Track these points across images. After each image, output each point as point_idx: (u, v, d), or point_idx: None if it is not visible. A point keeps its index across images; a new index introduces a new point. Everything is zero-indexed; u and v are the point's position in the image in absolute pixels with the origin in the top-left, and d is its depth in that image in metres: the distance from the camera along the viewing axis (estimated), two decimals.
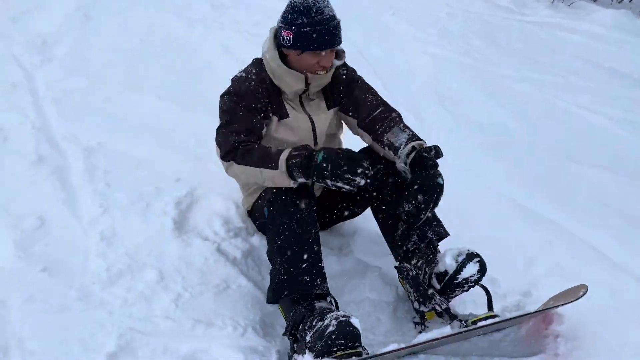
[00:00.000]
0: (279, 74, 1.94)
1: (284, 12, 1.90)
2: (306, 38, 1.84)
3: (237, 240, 2.11)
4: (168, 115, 3.00)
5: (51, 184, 2.21)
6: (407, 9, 6.34)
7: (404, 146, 1.87)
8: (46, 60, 3.20)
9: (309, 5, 1.84)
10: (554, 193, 3.02)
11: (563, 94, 4.43)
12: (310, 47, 1.85)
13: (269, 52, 1.96)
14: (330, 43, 1.87)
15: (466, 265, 1.79)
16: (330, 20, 1.85)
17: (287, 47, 1.89)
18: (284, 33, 1.88)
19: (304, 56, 1.89)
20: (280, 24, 1.91)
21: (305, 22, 1.83)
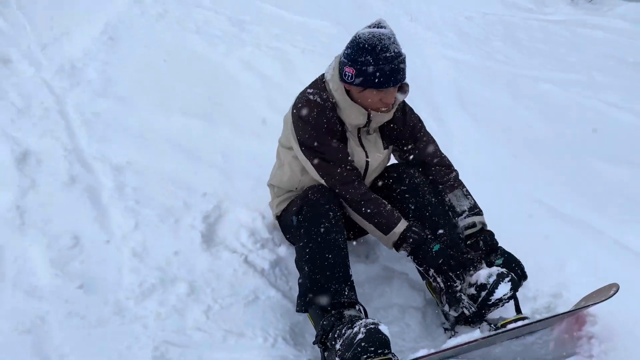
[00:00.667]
0: (342, 106, 1.91)
1: (348, 47, 1.84)
2: (369, 76, 1.79)
3: (264, 251, 2.14)
4: (194, 131, 3.07)
5: (83, 203, 2.28)
6: (425, 14, 6.35)
7: (465, 216, 2.01)
8: (75, 84, 3.30)
9: (374, 43, 1.77)
10: (582, 192, 2.98)
11: (588, 91, 4.37)
12: (373, 85, 1.81)
13: (334, 82, 1.92)
14: (394, 81, 1.81)
15: (498, 286, 1.80)
16: (396, 57, 1.78)
17: (349, 83, 1.85)
18: (346, 69, 1.82)
19: (366, 93, 1.85)
20: (343, 58, 1.85)
21: (370, 61, 1.77)
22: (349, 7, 6.23)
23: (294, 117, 1.95)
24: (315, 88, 1.96)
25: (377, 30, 1.79)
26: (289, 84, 3.94)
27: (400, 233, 1.84)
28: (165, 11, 4.98)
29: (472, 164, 3.12)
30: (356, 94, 1.88)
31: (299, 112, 1.92)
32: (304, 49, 4.55)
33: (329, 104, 1.92)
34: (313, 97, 1.92)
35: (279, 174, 2.13)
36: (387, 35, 1.78)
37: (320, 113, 1.90)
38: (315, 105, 1.91)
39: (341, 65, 1.87)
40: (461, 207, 2.02)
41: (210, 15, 5.04)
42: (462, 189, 2.08)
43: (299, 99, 1.97)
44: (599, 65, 5.10)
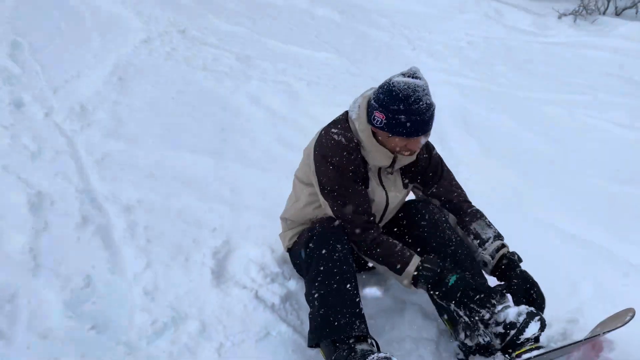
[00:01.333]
0: (368, 148, 1.91)
1: (380, 92, 1.83)
2: (399, 125, 1.79)
3: (274, 285, 2.15)
4: (203, 167, 3.11)
5: (95, 243, 2.32)
6: (427, 41, 6.44)
7: (492, 241, 2.01)
8: (86, 126, 3.38)
9: (408, 93, 1.76)
10: (594, 214, 2.96)
11: (594, 112, 4.37)
12: (401, 133, 1.81)
13: (360, 123, 1.90)
14: (422, 131, 1.82)
15: (528, 325, 1.78)
16: (427, 109, 1.79)
17: (377, 127, 1.85)
18: (376, 113, 1.83)
19: (393, 138, 1.85)
20: (374, 102, 1.84)
21: (401, 110, 1.77)
22: (352, 38, 6.35)
23: (317, 157, 1.93)
24: (340, 127, 1.94)
25: (412, 81, 1.78)
26: (296, 116, 4.00)
27: (414, 271, 1.83)
28: (173, 50, 5.11)
29: (480, 188, 3.11)
30: (383, 137, 1.88)
31: (323, 152, 1.91)
32: (310, 82, 4.63)
33: (353, 144, 1.90)
34: (338, 137, 1.91)
35: (294, 207, 2.12)
36: (422, 86, 1.79)
37: (345, 155, 1.89)
38: (339, 146, 1.89)
39: (371, 108, 1.86)
40: (486, 235, 2.04)
41: (217, 53, 5.17)
42: (485, 219, 2.10)
43: (323, 138, 1.94)
44: (603, 85, 5.11)
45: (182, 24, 6.02)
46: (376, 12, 7.71)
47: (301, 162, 2.12)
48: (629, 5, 8.04)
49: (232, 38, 5.78)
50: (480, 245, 2.03)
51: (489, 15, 7.59)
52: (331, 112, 3.98)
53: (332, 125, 1.98)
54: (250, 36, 5.94)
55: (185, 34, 5.67)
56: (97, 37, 5.30)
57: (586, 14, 7.59)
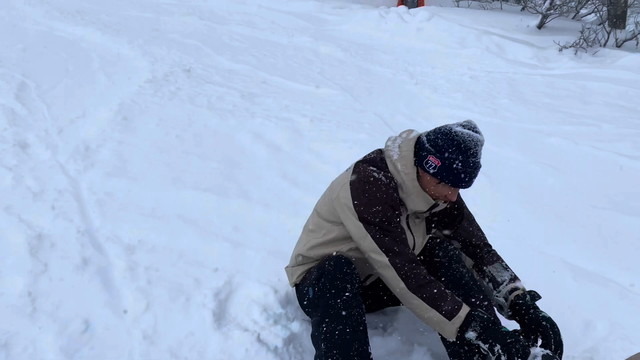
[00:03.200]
0: (409, 191, 1.87)
1: (439, 137, 1.79)
2: (452, 174, 1.77)
3: (277, 327, 2.08)
4: (206, 205, 3.08)
5: (95, 285, 2.27)
6: (430, 76, 6.49)
7: (507, 284, 1.97)
8: (89, 166, 3.38)
9: (469, 146, 1.75)
10: (604, 248, 2.89)
11: (600, 143, 4.34)
12: (452, 182, 1.80)
13: (406, 165, 1.86)
14: (469, 184, 1.82)
15: None
16: (479, 165, 1.80)
17: (427, 171, 1.82)
18: (430, 158, 1.79)
19: (439, 186, 1.83)
20: (429, 146, 1.80)
21: (460, 159, 1.75)
22: (355, 75, 6.41)
23: (356, 192, 1.85)
24: (377, 167, 1.90)
25: (474, 134, 1.76)
26: (300, 152, 3.99)
27: (466, 316, 1.75)
28: (178, 89, 5.17)
29: (489, 223, 3.05)
30: (428, 183, 1.85)
31: (363, 187, 1.85)
32: (313, 118, 4.65)
33: (393, 183, 1.87)
34: (378, 175, 1.87)
35: (313, 244, 2.02)
36: (481, 141, 1.78)
37: (387, 192, 1.84)
38: (381, 184, 1.85)
39: (424, 151, 1.82)
40: (502, 278, 2.00)
41: (222, 91, 5.23)
42: (502, 262, 2.06)
43: (361, 175, 1.87)
44: (608, 116, 5.10)
45: (187, 63, 6.13)
46: (379, 49, 7.83)
47: (324, 197, 2.05)
48: (629, 37, 8.12)
49: (236, 76, 5.86)
50: (495, 287, 1.99)
51: (491, 49, 7.68)
52: (335, 147, 4.02)
53: (366, 163, 1.92)
54: (254, 73, 6.03)
55: (190, 73, 5.76)
56: (103, 78, 5.40)
57: (587, 46, 7.67)
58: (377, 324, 2.20)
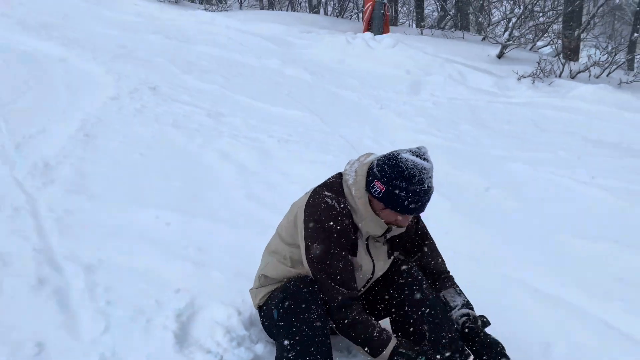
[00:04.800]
0: (363, 216, 1.87)
1: (386, 163, 1.80)
2: (396, 201, 1.78)
3: (241, 350, 2.04)
4: (170, 225, 3.02)
5: (51, 306, 2.18)
6: (394, 101, 6.62)
7: (459, 309, 2.04)
8: (48, 182, 3.28)
9: (414, 174, 1.75)
10: (563, 271, 2.97)
11: (557, 169, 4.50)
12: (396, 209, 1.80)
13: (358, 189, 1.86)
14: (416, 211, 1.82)
15: None
16: (427, 192, 1.78)
17: (374, 196, 1.82)
18: (376, 183, 1.80)
19: (386, 211, 1.84)
20: (377, 171, 1.82)
21: (403, 187, 1.75)
22: (323, 98, 6.48)
23: (307, 220, 1.87)
24: (332, 192, 1.89)
25: (419, 162, 1.76)
26: (267, 173, 3.98)
27: (388, 356, 1.82)
28: (143, 107, 5.11)
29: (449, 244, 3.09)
30: (377, 207, 1.85)
31: (314, 215, 1.85)
32: (281, 139, 4.66)
33: (346, 210, 1.87)
34: (330, 202, 1.86)
35: (274, 265, 2.02)
36: (428, 169, 1.77)
37: (337, 220, 1.84)
38: (332, 211, 1.84)
39: (372, 176, 1.83)
40: (454, 302, 2.07)
41: (188, 109, 5.19)
42: (456, 288, 2.13)
43: (315, 199, 1.89)
44: (564, 144, 5.30)
45: (153, 81, 6.06)
46: (345, 73, 7.94)
47: (285, 218, 2.05)
48: (582, 69, 8.51)
49: (203, 95, 5.83)
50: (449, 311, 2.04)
51: (453, 77, 7.90)
52: (303, 168, 4.03)
53: (324, 187, 1.93)
54: (222, 93, 6.01)
55: (156, 91, 5.70)
56: (65, 93, 5.28)
57: (543, 77, 7.99)
58: (341, 347, 2.18)
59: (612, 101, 6.80)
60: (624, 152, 5.10)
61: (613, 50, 8.83)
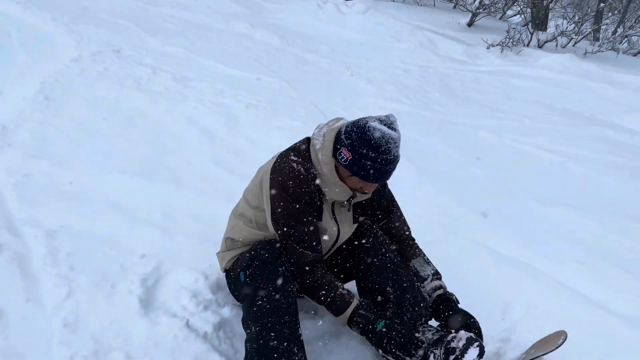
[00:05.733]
0: (329, 181, 1.86)
1: (353, 131, 1.78)
2: (362, 169, 1.77)
3: (207, 313, 2.04)
4: (133, 190, 2.97)
5: (11, 272, 2.13)
6: (365, 68, 6.58)
7: (431, 280, 2.09)
8: (6, 146, 3.16)
9: (380, 143, 1.73)
10: (522, 234, 3.06)
11: (521, 137, 4.59)
12: (362, 177, 1.79)
13: (325, 155, 1.84)
14: (381, 179, 1.81)
15: (468, 351, 1.79)
16: (392, 161, 1.78)
17: (341, 163, 1.81)
18: (343, 150, 1.79)
19: (351, 177, 1.83)
20: (344, 138, 1.80)
21: (369, 156, 1.74)
22: (292, 63, 6.39)
23: (272, 184, 1.86)
24: (299, 156, 1.88)
25: (387, 131, 1.75)
26: (234, 139, 3.93)
27: (349, 315, 1.87)
28: (106, 69, 4.94)
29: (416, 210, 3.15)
30: (343, 173, 1.85)
31: (279, 179, 1.85)
32: (249, 104, 4.59)
33: (311, 175, 1.86)
34: (296, 166, 1.85)
35: (240, 228, 2.03)
36: (395, 139, 1.76)
37: (302, 185, 1.84)
38: (297, 176, 1.84)
39: (339, 142, 1.82)
40: (425, 273, 2.11)
41: (153, 73, 5.04)
42: (424, 256, 2.16)
43: (280, 164, 1.87)
44: (529, 112, 5.39)
45: (117, 43, 5.86)
46: (316, 38, 7.83)
47: (252, 182, 2.04)
48: (549, 39, 8.61)
49: (168, 58, 5.67)
50: (419, 282, 2.08)
51: (424, 44, 7.90)
52: (271, 135, 3.99)
53: (291, 151, 1.91)
54: (188, 57, 5.86)
55: (120, 54, 5.51)
56: (23, 55, 5.05)
57: (512, 45, 8.06)
58: (308, 309, 2.21)
59: (576, 71, 6.93)
60: (587, 120, 5.23)
61: (580, 21, 8.94)
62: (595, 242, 3.03)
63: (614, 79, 6.85)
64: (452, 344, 1.80)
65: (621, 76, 7.01)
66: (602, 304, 2.46)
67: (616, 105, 5.93)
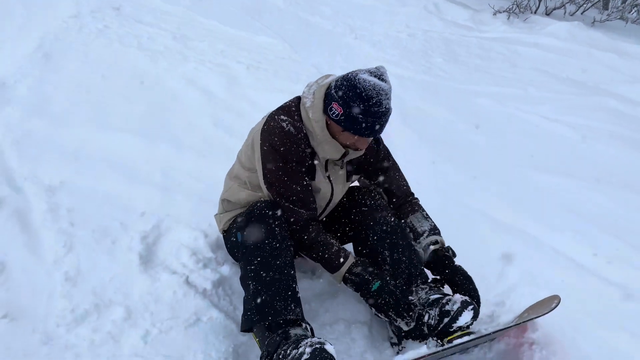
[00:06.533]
0: (320, 139, 1.85)
1: (343, 85, 1.76)
2: (354, 122, 1.75)
3: (207, 271, 2.07)
4: (133, 149, 2.96)
5: (11, 226, 2.15)
6: (369, 31, 6.48)
7: (427, 236, 2.06)
8: (5, 102, 3.14)
9: (371, 94, 1.71)
10: (521, 202, 3.07)
11: (523, 105, 4.55)
12: (354, 131, 1.78)
13: (315, 112, 1.83)
14: (374, 133, 1.80)
15: (462, 314, 1.81)
16: (384, 113, 1.76)
17: (332, 119, 1.80)
18: (334, 105, 1.77)
19: (344, 133, 1.81)
20: (334, 93, 1.78)
21: (361, 109, 1.72)
22: (295, 25, 6.28)
23: (263, 145, 1.85)
24: (289, 115, 1.86)
25: (377, 82, 1.72)
26: (234, 100, 3.90)
27: (344, 273, 1.87)
28: (106, 27, 4.85)
29: (414, 176, 3.15)
30: (335, 130, 1.83)
31: (269, 140, 1.83)
32: (250, 65, 4.53)
33: (302, 134, 1.85)
34: (286, 126, 1.83)
35: (233, 189, 2.04)
36: (385, 90, 1.73)
37: (292, 145, 1.82)
38: (287, 136, 1.82)
39: (329, 98, 1.80)
40: (422, 228, 2.08)
41: (153, 32, 4.96)
42: (423, 212, 2.14)
43: (270, 126, 1.85)
44: (533, 80, 5.33)
45: (116, 1, 5.73)
46: (319, 0, 7.67)
47: (244, 144, 2.04)
48: (557, 6, 8.44)
49: (169, 16, 5.57)
50: (416, 238, 2.08)
51: (429, 9, 7.74)
52: (272, 97, 3.94)
53: (281, 111, 1.89)
54: (188, 15, 5.76)
55: (120, 11, 5.40)
56: (21, 10, 4.95)
57: (519, 12, 7.91)
58: (305, 268, 2.24)
59: (583, 39, 6.82)
60: (590, 90, 5.18)
61: None
62: (592, 211, 3.04)
63: (621, 49, 6.75)
64: (447, 307, 1.83)
65: (628, 46, 6.90)
66: (596, 272, 2.48)
67: (621, 75, 5.86)
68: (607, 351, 1.94)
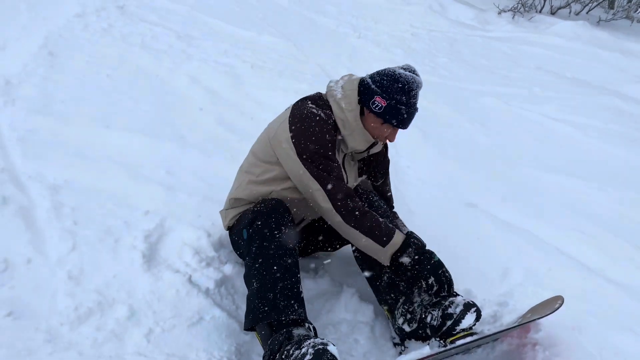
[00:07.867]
0: (351, 128, 1.92)
1: (384, 79, 1.86)
2: (397, 114, 1.85)
3: (209, 270, 2.07)
4: (137, 148, 2.97)
5: (16, 225, 2.15)
6: (373, 30, 6.47)
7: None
8: (10, 101, 3.15)
9: (412, 87, 1.85)
10: (525, 201, 3.07)
11: (528, 105, 4.53)
12: (395, 123, 1.87)
13: (349, 102, 1.90)
14: (407, 125, 1.92)
15: (465, 317, 1.81)
16: (417, 107, 1.91)
17: (373, 111, 1.87)
18: (377, 98, 1.85)
19: (382, 126, 1.89)
20: (375, 87, 1.86)
21: (404, 101, 1.84)
22: (298, 24, 6.27)
23: (295, 126, 1.87)
24: (317, 105, 1.93)
25: (415, 77, 1.86)
26: (238, 99, 3.90)
27: (401, 243, 1.87)
28: (110, 26, 4.86)
29: (419, 175, 3.17)
30: (371, 122, 1.90)
31: (302, 121, 1.87)
32: (254, 65, 4.54)
33: (331, 121, 1.91)
34: (317, 111, 1.89)
35: (245, 185, 2.03)
36: (421, 84, 1.88)
37: (325, 127, 1.87)
38: (320, 119, 1.87)
39: (369, 91, 1.87)
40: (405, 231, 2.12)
41: (157, 31, 4.97)
42: (399, 220, 2.18)
43: (300, 110, 1.90)
44: (538, 80, 5.31)
45: None
46: None
47: (260, 138, 2.07)
48: (563, 5, 8.40)
49: (173, 16, 5.57)
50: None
51: (433, 8, 7.72)
52: (276, 96, 3.95)
53: (307, 100, 1.95)
54: (192, 14, 5.76)
55: (124, 10, 5.41)
56: (25, 9, 4.97)
57: (524, 11, 7.88)
58: (309, 267, 2.24)
59: (589, 39, 6.79)
60: (596, 90, 5.15)
61: None
62: (597, 211, 3.03)
63: (626, 48, 6.72)
64: (449, 310, 1.82)
65: (634, 45, 6.86)
66: (601, 272, 2.47)
67: (627, 74, 5.83)
68: (612, 352, 1.93)
